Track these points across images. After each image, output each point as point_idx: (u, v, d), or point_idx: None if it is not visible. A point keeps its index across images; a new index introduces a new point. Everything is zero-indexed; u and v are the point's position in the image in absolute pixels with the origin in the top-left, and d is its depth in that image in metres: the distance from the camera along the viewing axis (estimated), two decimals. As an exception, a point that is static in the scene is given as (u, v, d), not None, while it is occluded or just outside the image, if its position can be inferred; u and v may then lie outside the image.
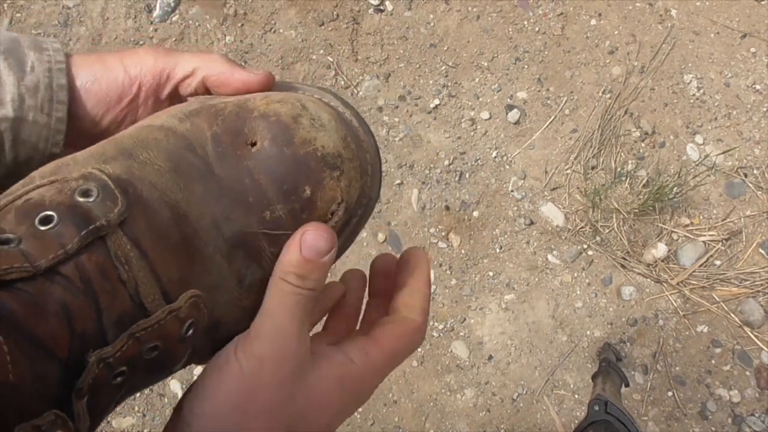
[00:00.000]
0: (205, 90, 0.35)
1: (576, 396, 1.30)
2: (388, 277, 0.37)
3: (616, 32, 1.52)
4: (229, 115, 0.31)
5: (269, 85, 0.34)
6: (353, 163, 0.32)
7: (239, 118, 0.31)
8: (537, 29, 1.53)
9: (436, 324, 1.35)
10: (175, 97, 0.35)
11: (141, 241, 0.27)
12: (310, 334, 0.32)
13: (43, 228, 0.25)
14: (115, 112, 0.34)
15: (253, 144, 0.30)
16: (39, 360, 0.24)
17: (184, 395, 0.30)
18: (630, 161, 1.42)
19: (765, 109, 1.44)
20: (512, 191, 1.42)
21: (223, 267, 0.30)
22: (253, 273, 0.31)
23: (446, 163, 1.44)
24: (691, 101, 1.46)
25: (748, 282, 1.33)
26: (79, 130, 0.33)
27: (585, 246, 1.38)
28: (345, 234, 0.34)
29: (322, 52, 1.53)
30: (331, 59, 1.52)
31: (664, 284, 1.34)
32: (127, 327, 0.26)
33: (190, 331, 0.28)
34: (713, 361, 1.30)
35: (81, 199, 0.26)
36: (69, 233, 0.25)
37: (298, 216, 0.30)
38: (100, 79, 0.33)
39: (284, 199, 0.30)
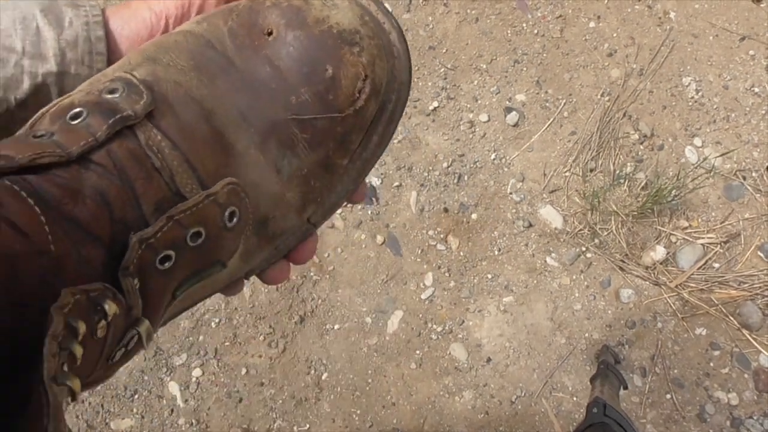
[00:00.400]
0: (227, 3, 0.35)
1: (574, 398, 1.30)
2: None
3: (614, 35, 1.52)
4: (243, 9, 0.31)
5: None
6: (374, 41, 0.31)
7: (252, 11, 0.31)
8: (536, 32, 1.53)
9: (434, 326, 1.35)
10: None
11: (171, 134, 0.27)
12: None
13: (73, 122, 0.26)
14: None
15: (270, 33, 0.30)
16: (81, 241, 0.25)
17: None
18: (628, 164, 1.42)
19: (764, 112, 1.44)
20: (511, 193, 1.42)
21: (260, 160, 0.30)
22: (290, 163, 0.31)
23: (445, 165, 1.44)
24: (690, 104, 1.46)
25: (746, 285, 1.33)
26: None
27: (584, 248, 1.38)
28: (383, 121, 0.34)
29: (321, 54, 1.52)
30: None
31: (662, 287, 1.34)
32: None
33: (234, 220, 0.29)
34: (712, 364, 1.30)
35: (108, 96, 0.27)
36: (97, 123, 0.26)
37: (324, 97, 0.30)
38: (129, 22, 0.34)
39: (307, 82, 0.30)
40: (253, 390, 1.33)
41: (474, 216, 1.41)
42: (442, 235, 1.40)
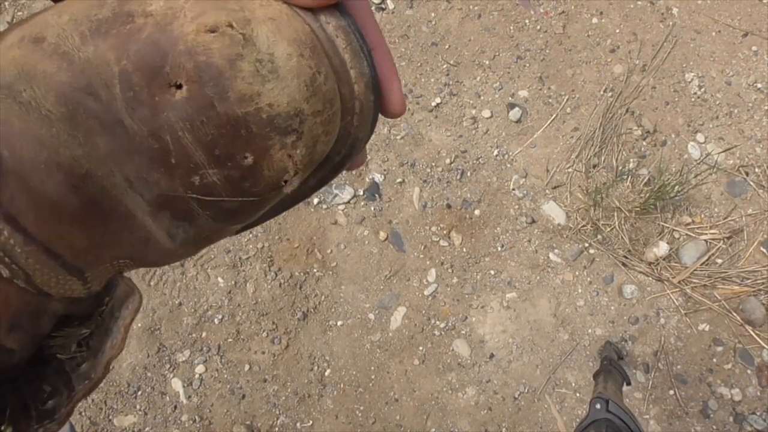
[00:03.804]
0: None
1: (577, 394, 1.30)
2: None
3: (617, 31, 1.52)
4: (146, 42, 0.23)
5: None
6: (322, 117, 0.24)
7: (158, 50, 0.22)
8: (538, 27, 1.53)
9: (437, 322, 1.35)
10: None
11: (23, 219, 0.21)
12: None
13: None
14: None
15: (178, 86, 0.22)
16: None
17: None
18: (631, 160, 1.42)
19: (766, 108, 1.44)
20: (514, 190, 1.42)
21: (148, 222, 0.25)
22: (186, 231, 0.26)
23: (448, 161, 1.44)
24: (693, 100, 1.46)
25: (749, 280, 1.33)
26: None
27: (586, 244, 1.38)
28: (324, 169, 0.28)
29: (323, 50, 1.52)
30: (333, 58, 1.51)
31: (665, 283, 1.34)
32: (28, 328, 0.23)
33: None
34: (715, 360, 1.30)
35: None
36: None
37: (237, 184, 0.24)
38: None
39: (217, 165, 0.23)
40: (256, 386, 1.33)
41: (477, 212, 1.41)
42: (445, 231, 1.40)
